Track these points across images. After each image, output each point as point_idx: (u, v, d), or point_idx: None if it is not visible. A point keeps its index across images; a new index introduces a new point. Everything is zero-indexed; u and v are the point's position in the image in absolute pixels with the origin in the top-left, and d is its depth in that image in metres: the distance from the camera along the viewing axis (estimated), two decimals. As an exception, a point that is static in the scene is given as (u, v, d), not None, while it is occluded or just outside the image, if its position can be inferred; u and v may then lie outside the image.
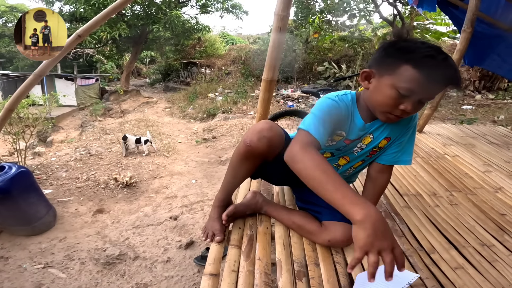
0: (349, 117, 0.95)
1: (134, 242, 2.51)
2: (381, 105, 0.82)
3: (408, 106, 0.77)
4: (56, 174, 4.03)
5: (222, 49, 12.84)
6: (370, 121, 0.97)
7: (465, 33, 2.26)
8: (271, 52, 1.56)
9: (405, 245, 1.16)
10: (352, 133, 0.98)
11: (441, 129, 2.77)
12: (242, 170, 1.06)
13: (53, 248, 2.40)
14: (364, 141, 1.02)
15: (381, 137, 1.00)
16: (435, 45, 0.77)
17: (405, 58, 0.75)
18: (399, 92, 0.77)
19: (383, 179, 1.10)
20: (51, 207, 2.76)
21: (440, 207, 1.44)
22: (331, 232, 1.01)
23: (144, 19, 8.37)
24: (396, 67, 0.77)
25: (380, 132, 0.99)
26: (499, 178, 1.83)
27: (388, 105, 0.80)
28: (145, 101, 9.55)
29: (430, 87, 0.75)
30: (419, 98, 0.77)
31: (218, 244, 1.07)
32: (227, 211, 1.13)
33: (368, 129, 0.99)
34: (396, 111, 0.80)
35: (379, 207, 1.39)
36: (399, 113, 0.80)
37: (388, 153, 1.05)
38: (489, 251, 1.17)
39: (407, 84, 0.75)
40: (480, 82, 7.82)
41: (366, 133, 1.00)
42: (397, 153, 1.04)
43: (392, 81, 0.78)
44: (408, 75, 0.75)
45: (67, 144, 6.10)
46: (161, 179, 3.84)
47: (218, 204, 1.17)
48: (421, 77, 0.73)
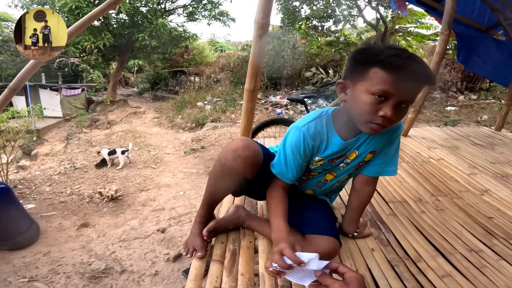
0: (325, 141, 0.94)
1: (121, 255, 2.48)
2: (361, 114, 0.80)
3: (388, 111, 0.74)
4: (39, 189, 3.97)
5: (211, 57, 12.84)
6: (353, 137, 0.95)
7: (443, 35, 2.28)
8: (253, 60, 1.54)
9: (391, 254, 1.13)
10: (332, 154, 0.98)
11: (426, 132, 2.80)
12: (220, 188, 1.04)
13: (37, 262, 2.38)
14: (350, 157, 1.00)
15: (366, 152, 0.99)
16: (400, 47, 0.78)
17: (373, 61, 0.75)
18: (374, 96, 0.75)
19: (367, 190, 1.09)
20: (33, 222, 2.74)
21: (426, 213, 1.43)
22: (314, 245, 0.99)
23: (129, 28, 8.30)
24: (366, 72, 0.77)
25: (365, 146, 0.98)
26: (485, 180, 1.84)
27: (367, 113, 0.78)
28: (132, 111, 9.41)
29: (402, 85, 0.73)
30: (396, 100, 0.75)
31: (199, 260, 1.04)
32: (207, 227, 1.11)
33: (351, 146, 0.97)
34: (377, 118, 0.77)
35: (364, 216, 1.36)
36: (380, 121, 0.77)
37: (373, 164, 1.04)
38: (477, 257, 1.15)
39: (379, 86, 0.74)
40: (462, 83, 8.02)
41: (350, 150, 0.98)
42: (381, 164, 1.03)
43: (365, 86, 0.77)
44: (378, 77, 0.74)
45: (52, 157, 5.95)
46: (148, 191, 3.78)
47: (199, 220, 1.14)
48: (390, 76, 0.73)
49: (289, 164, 0.95)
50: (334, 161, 1.00)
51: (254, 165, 0.95)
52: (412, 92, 0.76)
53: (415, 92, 0.76)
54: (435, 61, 2.34)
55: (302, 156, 0.94)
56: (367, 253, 1.13)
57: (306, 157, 0.96)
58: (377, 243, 1.19)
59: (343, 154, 0.99)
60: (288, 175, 0.97)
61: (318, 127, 0.92)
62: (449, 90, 7.94)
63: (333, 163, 1.01)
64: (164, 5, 9.73)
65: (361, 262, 1.08)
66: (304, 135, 0.91)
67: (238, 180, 0.99)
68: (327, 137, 0.93)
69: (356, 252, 1.12)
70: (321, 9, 7.67)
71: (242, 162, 0.91)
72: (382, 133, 0.87)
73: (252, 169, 0.96)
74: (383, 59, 0.74)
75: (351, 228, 1.15)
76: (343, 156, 1.00)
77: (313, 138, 0.92)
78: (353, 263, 1.08)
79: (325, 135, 0.93)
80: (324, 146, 0.95)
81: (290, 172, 0.96)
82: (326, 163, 1.00)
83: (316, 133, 0.92)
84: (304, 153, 0.94)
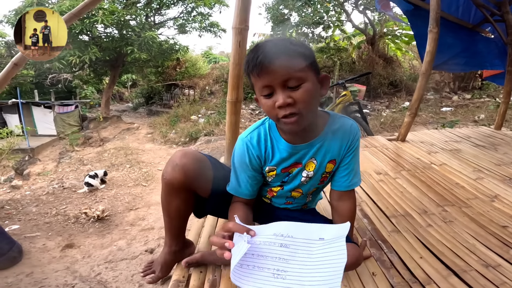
0: (269, 148, 0.90)
1: (107, 277, 2.36)
2: (268, 115, 0.81)
3: (277, 99, 0.73)
4: (26, 209, 3.87)
5: (204, 69, 12.82)
6: (303, 142, 0.88)
7: (432, 33, 2.21)
8: (233, 69, 1.44)
9: (395, 278, 0.99)
10: (282, 161, 0.90)
11: (424, 136, 2.68)
12: (172, 209, 0.97)
13: (20, 283, 2.28)
14: (309, 168, 0.91)
15: (325, 161, 0.92)
16: (255, 45, 0.78)
17: (247, 73, 0.79)
18: (264, 97, 0.77)
19: (346, 207, 0.96)
20: (14, 242, 2.65)
21: (433, 227, 1.28)
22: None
23: (118, 41, 8.23)
24: (251, 82, 0.79)
25: (323, 155, 0.91)
26: (493, 185, 1.71)
27: (270, 113, 0.78)
28: (126, 127, 9.27)
29: (266, 70, 0.72)
30: (277, 86, 0.73)
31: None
32: (189, 258, 1.02)
33: (304, 152, 0.88)
34: (278, 112, 0.75)
35: (363, 235, 1.21)
36: (283, 112, 0.74)
37: (339, 177, 0.94)
38: (495, 273, 1.01)
39: (258, 87, 0.76)
40: (454, 83, 7.99)
41: (305, 158, 0.89)
42: (347, 175, 0.93)
43: (257, 93, 0.80)
44: (254, 82, 0.77)
45: (43, 176, 5.83)
46: (137, 210, 3.65)
47: (168, 250, 1.05)
48: (256, 73, 0.74)
49: (240, 179, 0.93)
50: (289, 170, 0.92)
51: (197, 175, 0.90)
52: (282, 72, 0.71)
53: (283, 70, 0.71)
54: (426, 61, 2.26)
55: (250, 168, 0.91)
56: (367, 279, 0.98)
57: (255, 168, 0.91)
58: (378, 266, 1.04)
59: (299, 163, 0.91)
60: (243, 191, 0.93)
61: (261, 135, 0.90)
62: (442, 90, 7.90)
63: (290, 174, 0.93)
64: (153, 18, 9.75)
65: (362, 292, 0.93)
66: (247, 146, 0.89)
67: (186, 195, 0.94)
68: (271, 143, 0.90)
69: (354, 277, 0.97)
70: (309, 16, 7.66)
71: (180, 170, 0.88)
72: (335, 137, 0.88)
73: (196, 179, 0.91)
74: (247, 67, 0.77)
75: None
76: (299, 166, 0.91)
77: (257, 147, 0.89)
78: (352, 293, 0.93)
79: (269, 141, 0.89)
80: (271, 153, 0.90)
81: (244, 186, 0.93)
82: (280, 173, 0.93)
83: (259, 141, 0.89)
84: (251, 164, 0.90)
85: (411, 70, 9.41)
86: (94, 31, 7.44)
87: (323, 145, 0.89)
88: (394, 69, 8.65)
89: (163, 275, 1.07)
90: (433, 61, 2.24)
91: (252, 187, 0.94)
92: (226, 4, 9.69)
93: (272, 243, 0.63)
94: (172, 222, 1.01)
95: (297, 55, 0.73)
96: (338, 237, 0.63)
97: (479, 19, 2.83)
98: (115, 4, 8.16)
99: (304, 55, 0.74)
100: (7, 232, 2.77)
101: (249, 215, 0.93)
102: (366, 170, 1.92)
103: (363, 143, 2.45)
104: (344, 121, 0.91)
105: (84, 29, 7.38)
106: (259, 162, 0.91)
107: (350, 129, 0.90)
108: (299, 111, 0.74)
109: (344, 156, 0.92)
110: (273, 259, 0.62)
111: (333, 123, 0.89)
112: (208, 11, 9.74)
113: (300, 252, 0.62)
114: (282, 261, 0.62)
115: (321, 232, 0.64)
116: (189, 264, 1.02)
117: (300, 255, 0.62)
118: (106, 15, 7.13)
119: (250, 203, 0.97)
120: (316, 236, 0.64)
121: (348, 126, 0.90)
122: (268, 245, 0.63)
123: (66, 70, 9.50)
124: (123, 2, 8.73)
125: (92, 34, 7.90)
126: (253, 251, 0.62)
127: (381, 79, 8.18)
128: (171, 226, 1.02)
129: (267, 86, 0.74)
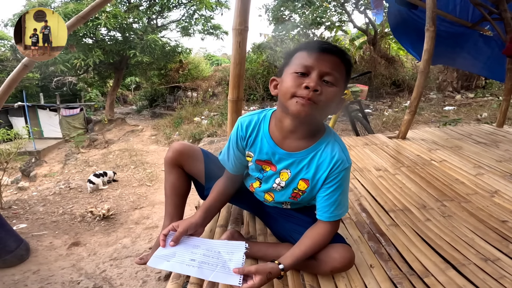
0: (254, 134, 0.95)
1: (111, 274, 2.44)
2: (286, 91, 0.81)
3: (310, 81, 0.78)
4: (33, 209, 3.99)
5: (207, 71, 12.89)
6: (283, 147, 0.91)
7: (428, 32, 2.22)
8: (234, 69, 1.48)
9: (393, 270, 1.01)
10: (259, 152, 0.94)
11: (425, 134, 2.68)
12: (168, 185, 1.11)
13: (27, 280, 2.37)
14: (282, 177, 0.94)
15: (298, 177, 0.93)
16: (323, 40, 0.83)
17: (297, 50, 0.85)
18: (297, 74, 0.80)
19: (317, 231, 0.92)
20: (22, 240, 2.77)
21: (431, 221, 1.30)
22: (324, 261, 0.93)
23: (121, 44, 8.32)
24: (291, 59, 0.85)
25: (298, 170, 0.92)
26: (493, 180, 1.72)
27: (291, 87, 0.80)
28: (130, 129, 9.37)
29: (316, 57, 0.79)
30: (317, 73, 0.79)
31: (174, 283, 0.95)
32: None
33: (282, 158, 0.91)
34: (301, 90, 0.78)
35: (362, 228, 1.23)
36: (305, 93, 0.78)
37: (320, 206, 0.92)
38: (494, 266, 1.03)
39: (299, 63, 0.81)
40: (457, 82, 7.94)
41: (281, 164, 0.92)
42: (328, 207, 0.90)
43: (289, 70, 0.83)
44: (299, 57, 0.82)
45: (49, 178, 5.95)
46: (141, 209, 3.72)
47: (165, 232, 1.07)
48: (307, 53, 0.81)
49: (230, 153, 1.00)
50: (263, 166, 0.96)
51: (190, 156, 1.08)
52: (328, 63, 0.79)
53: (332, 65, 0.80)
54: (424, 59, 2.27)
55: (235, 146, 0.98)
56: (365, 271, 1.00)
57: (239, 149, 0.98)
58: (376, 258, 1.06)
59: (273, 165, 0.94)
60: (229, 165, 1.02)
61: (252, 121, 0.95)
62: (445, 90, 7.86)
63: (264, 172, 0.97)
64: (156, 21, 9.84)
65: (358, 282, 0.95)
66: (240, 125, 0.96)
67: (179, 172, 1.10)
68: (257, 132, 0.95)
69: (352, 269, 0.99)
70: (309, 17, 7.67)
71: (174, 150, 1.08)
72: (316, 160, 0.89)
73: (187, 158, 1.08)
74: (303, 45, 0.84)
75: (285, 261, 0.87)
76: (273, 168, 0.94)
77: (245, 129, 0.95)
78: (349, 283, 0.95)
79: (256, 129, 0.95)
80: (253, 139, 0.95)
81: (230, 161, 1.01)
82: (254, 163, 0.97)
83: (249, 125, 0.95)
84: (237, 143, 0.97)
85: (414, 70, 9.38)
86: (98, 34, 7.53)
87: (302, 161, 0.90)
88: (396, 69, 8.64)
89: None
90: (431, 59, 2.25)
91: (236, 166, 1.01)
92: (228, 6, 9.75)
93: (188, 244, 0.90)
94: (168, 200, 1.12)
95: (346, 63, 0.82)
96: (234, 252, 0.86)
97: (477, 18, 2.84)
98: (117, 7, 8.25)
99: (349, 68, 0.84)
100: (14, 230, 2.87)
101: (227, 190, 1.04)
102: (366, 166, 1.94)
103: (363, 141, 2.47)
104: (334, 151, 0.88)
105: (88, 33, 7.48)
106: (243, 144, 0.97)
107: (334, 161, 0.87)
108: (317, 101, 0.78)
109: (322, 185, 0.90)
110: (187, 252, 0.86)
111: (322, 147, 0.89)
112: (210, 14, 9.79)
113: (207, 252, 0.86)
114: (192, 254, 0.85)
115: (221, 247, 0.88)
116: None
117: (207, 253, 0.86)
118: (109, 18, 7.22)
119: (235, 179, 1.05)
120: (217, 250, 0.87)
121: (334, 158, 0.87)
122: (185, 246, 0.89)
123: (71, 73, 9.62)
124: (126, 5, 8.83)
125: (95, 37, 8.00)
126: (174, 249, 0.87)
127: (384, 79, 8.17)
128: (167, 205, 1.12)
129: (309, 67, 0.79)
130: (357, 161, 2.03)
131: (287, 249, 0.96)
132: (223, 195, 1.04)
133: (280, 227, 1.10)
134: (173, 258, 0.83)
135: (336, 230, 0.95)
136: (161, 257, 0.83)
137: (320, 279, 0.96)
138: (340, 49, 0.83)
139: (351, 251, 0.93)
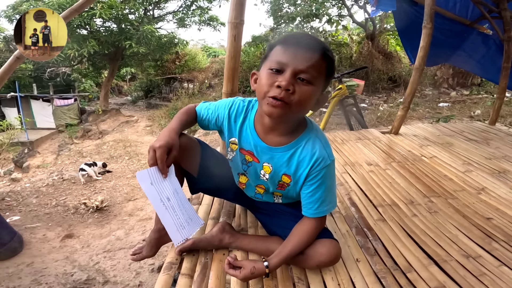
0: (239, 122, 0.94)
1: (105, 266, 2.45)
2: (261, 90, 0.79)
3: (282, 80, 0.75)
4: (26, 201, 3.96)
5: (203, 62, 12.76)
6: (265, 141, 0.91)
7: (426, 29, 2.22)
8: (229, 62, 1.48)
9: (378, 265, 1.03)
10: (245, 142, 0.94)
11: (417, 129, 2.71)
12: None
13: (20, 273, 2.36)
14: (266, 170, 0.94)
15: (280, 172, 0.93)
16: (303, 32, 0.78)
17: (275, 44, 0.81)
18: (272, 71, 0.78)
19: (301, 228, 0.94)
20: (15, 233, 2.75)
21: (418, 217, 1.33)
22: (312, 256, 0.94)
23: (116, 35, 8.18)
24: (270, 52, 0.82)
25: (279, 166, 0.92)
26: (481, 178, 1.75)
27: (265, 85, 0.78)
28: (125, 120, 9.28)
29: (291, 54, 0.76)
30: (291, 71, 0.75)
31: (166, 274, 0.96)
32: (182, 246, 1.03)
33: (264, 151, 0.92)
34: (273, 90, 0.76)
35: (350, 223, 1.26)
36: (277, 92, 0.75)
37: (304, 202, 0.92)
38: (475, 264, 1.05)
39: (274, 59, 0.78)
40: (453, 79, 7.97)
41: (262, 157, 0.93)
42: (312, 203, 0.91)
43: (266, 66, 0.80)
44: (274, 52, 0.80)
45: (42, 169, 5.88)
46: (135, 201, 3.71)
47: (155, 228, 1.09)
48: (282, 48, 0.78)
49: (213, 106, 1.00)
50: (246, 157, 0.96)
51: (187, 147, 0.98)
52: (305, 60, 0.75)
53: (308, 62, 0.75)
54: (420, 56, 2.27)
55: (216, 113, 0.98)
56: (351, 264, 1.03)
57: (218, 119, 0.98)
58: (363, 253, 1.09)
59: (256, 158, 0.94)
60: (204, 110, 1.01)
61: (243, 107, 0.95)
62: (440, 86, 7.89)
63: (248, 163, 0.97)
64: (152, 12, 9.67)
65: (344, 275, 0.98)
66: (230, 103, 0.96)
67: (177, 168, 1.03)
68: (243, 120, 0.95)
69: (339, 263, 1.01)
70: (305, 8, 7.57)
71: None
72: (300, 158, 0.88)
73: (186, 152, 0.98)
74: (282, 39, 0.80)
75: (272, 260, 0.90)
76: (256, 161, 0.95)
77: (231, 110, 0.96)
78: (335, 276, 0.97)
79: (243, 118, 0.94)
80: (239, 127, 0.94)
81: (207, 110, 1.00)
82: (239, 153, 0.97)
83: (238, 110, 0.95)
84: (218, 113, 0.97)
85: (411, 66, 9.39)
86: (93, 24, 7.38)
87: (282, 157, 0.90)
88: (393, 65, 8.63)
89: (148, 255, 1.08)
90: (426, 56, 2.26)
91: (208, 120, 1.00)
92: (225, -3, 9.61)
93: (173, 183, 0.90)
94: None
95: (326, 60, 0.78)
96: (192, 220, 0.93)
97: (476, 16, 2.83)
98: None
99: (330, 66, 0.79)
100: (8, 223, 2.86)
101: (193, 120, 1.03)
102: (357, 161, 1.96)
103: (356, 135, 2.49)
104: (315, 148, 0.87)
105: (82, 23, 7.32)
106: (222, 121, 0.97)
107: (315, 159, 0.87)
108: (289, 102, 0.76)
109: (304, 182, 0.90)
110: (169, 190, 0.88)
111: (303, 143, 0.88)
112: (208, 5, 9.64)
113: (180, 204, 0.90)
114: (170, 194, 0.88)
115: (188, 210, 0.92)
116: (181, 252, 1.05)
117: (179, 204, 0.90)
118: (105, 9, 7.07)
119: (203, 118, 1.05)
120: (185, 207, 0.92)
121: (315, 156, 0.87)
122: (170, 183, 0.89)
123: (64, 64, 9.45)
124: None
125: (90, 27, 7.85)
126: (163, 180, 0.88)
127: (380, 74, 8.17)
128: None
129: (283, 64, 0.76)
130: (349, 156, 2.04)
131: (276, 243, 0.98)
132: (191, 117, 1.02)
133: (271, 223, 1.11)
134: (156, 184, 0.85)
135: (323, 226, 0.96)
136: (150, 175, 0.84)
137: (308, 272, 0.99)
138: (320, 44, 0.77)
139: (337, 246, 0.95)
